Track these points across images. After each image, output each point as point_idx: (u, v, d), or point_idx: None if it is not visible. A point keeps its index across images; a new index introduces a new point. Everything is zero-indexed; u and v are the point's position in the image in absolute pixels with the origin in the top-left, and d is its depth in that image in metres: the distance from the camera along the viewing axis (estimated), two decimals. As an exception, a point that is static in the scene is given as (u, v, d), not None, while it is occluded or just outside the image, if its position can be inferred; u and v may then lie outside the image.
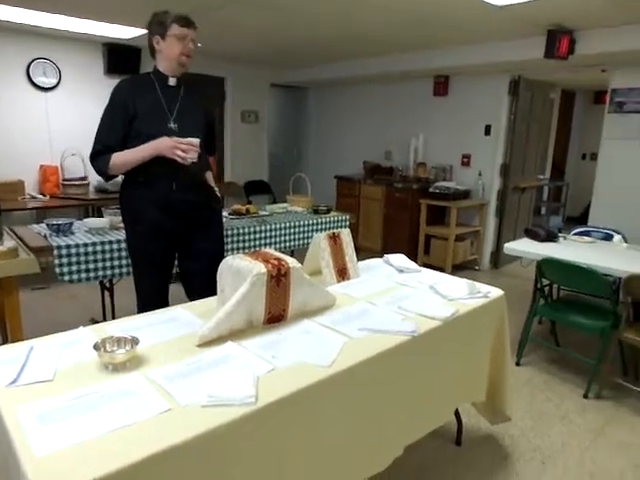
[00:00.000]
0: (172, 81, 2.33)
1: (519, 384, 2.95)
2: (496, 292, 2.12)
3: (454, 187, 5.04)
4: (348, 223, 4.03)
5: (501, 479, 2.15)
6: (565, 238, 3.44)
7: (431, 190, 5.08)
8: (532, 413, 2.66)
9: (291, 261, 1.71)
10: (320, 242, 2.14)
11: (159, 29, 2.23)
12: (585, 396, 2.82)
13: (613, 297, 2.72)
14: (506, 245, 3.21)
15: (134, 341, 1.42)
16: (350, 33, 4.25)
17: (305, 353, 1.50)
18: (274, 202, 5.41)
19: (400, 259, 2.47)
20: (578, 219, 7.44)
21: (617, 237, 3.29)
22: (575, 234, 3.75)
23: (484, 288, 2.11)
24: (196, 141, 2.18)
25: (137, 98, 2.24)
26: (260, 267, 1.63)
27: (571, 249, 3.14)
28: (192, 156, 2.18)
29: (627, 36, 3.69)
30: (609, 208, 4.45)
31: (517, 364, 3.17)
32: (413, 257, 5.21)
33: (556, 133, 7.79)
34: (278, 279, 1.67)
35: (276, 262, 1.68)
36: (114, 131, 2.24)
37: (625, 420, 2.63)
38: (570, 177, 8.28)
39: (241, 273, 1.67)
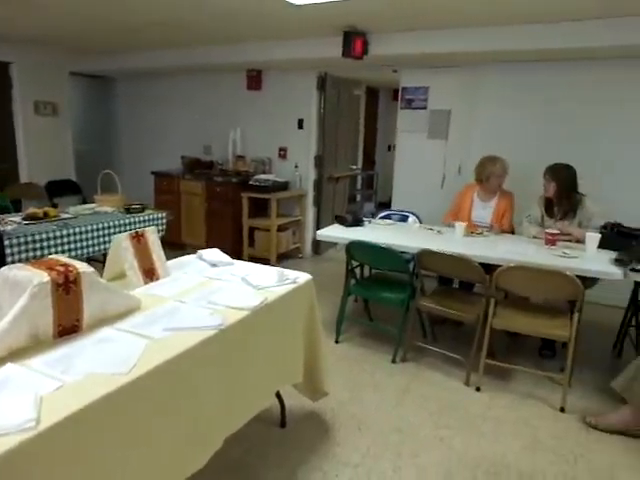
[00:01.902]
0: None
1: (337, 359, 3.18)
2: (304, 277, 2.23)
3: (273, 179, 5.18)
4: (165, 221, 3.86)
5: (323, 451, 2.29)
6: (370, 222, 3.80)
7: (251, 183, 5.15)
8: (349, 384, 2.89)
9: (81, 266, 1.56)
10: (121, 243, 2.00)
11: None
12: (393, 361, 3.16)
13: (409, 271, 3.08)
14: (318, 232, 3.42)
15: None
16: (157, 19, 4.03)
17: (101, 363, 1.38)
18: (84, 203, 4.91)
19: (213, 253, 2.44)
20: (387, 204, 8.30)
21: (411, 218, 3.74)
22: (380, 218, 4.16)
23: (292, 274, 2.20)
24: None
25: None
26: (42, 276, 1.46)
27: (374, 231, 3.48)
28: None
29: (411, 41, 4.17)
30: (406, 193, 5.03)
31: (336, 342, 3.41)
32: (238, 250, 5.25)
33: (365, 126, 8.55)
34: (67, 287, 1.51)
35: (62, 269, 1.52)
36: None
37: (425, 376, 3.02)
38: (379, 166, 9.17)
39: (20, 285, 1.47)
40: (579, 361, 3.11)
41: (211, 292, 1.97)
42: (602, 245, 3.00)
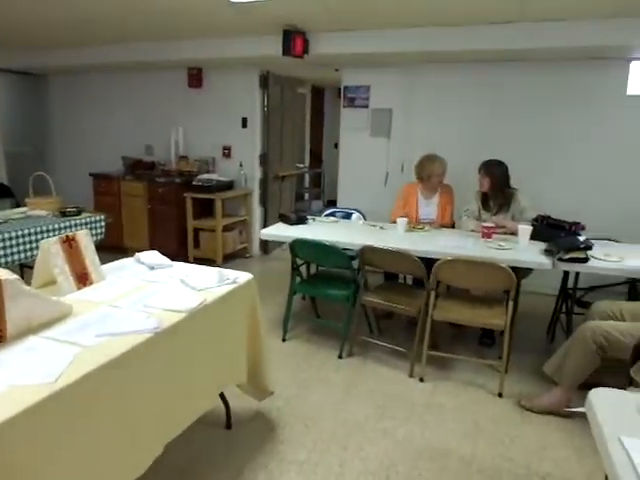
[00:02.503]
0: None
1: (285, 357, 3.18)
2: (245, 277, 2.22)
3: (217, 179, 5.11)
4: (104, 224, 3.72)
5: (269, 450, 2.29)
6: (314, 220, 3.82)
7: (195, 183, 5.05)
8: (296, 382, 2.90)
9: (2, 273, 1.48)
10: (50, 248, 1.92)
11: None
12: (340, 356, 3.20)
13: (352, 268, 3.13)
14: (262, 231, 3.41)
15: None
16: (88, 16, 3.88)
17: (26, 373, 1.32)
18: (17, 207, 4.65)
19: (152, 256, 2.38)
20: (335, 202, 8.37)
21: (355, 215, 3.79)
22: (325, 215, 4.19)
23: (233, 274, 2.18)
24: None
25: None
26: (-43, 285, 1.37)
27: (318, 229, 3.50)
28: None
29: (351, 41, 4.22)
30: (351, 190, 5.10)
31: (283, 340, 3.41)
32: (184, 252, 5.14)
33: (312, 125, 8.58)
34: (-13, 296, 1.43)
35: (-19, 276, 1.44)
36: None
37: (371, 370, 3.07)
38: (327, 165, 9.22)
39: None
40: (516, 348, 3.26)
41: (148, 295, 1.92)
42: (534, 237, 3.16)
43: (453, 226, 3.76)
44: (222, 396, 2.35)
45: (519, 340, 3.50)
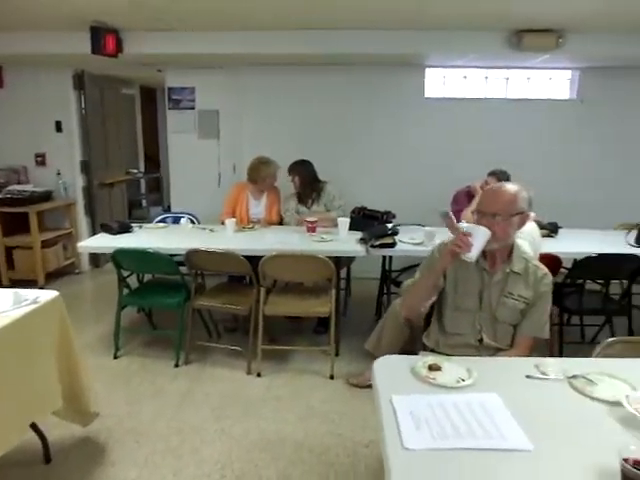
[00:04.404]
0: None
1: (116, 375, 3.01)
2: (48, 295, 2.04)
3: (31, 190, 4.60)
4: None
5: (97, 476, 2.15)
6: (141, 227, 3.66)
7: (2, 196, 4.47)
8: (129, 398, 2.76)
9: None
10: None
11: None
12: (176, 365, 3.12)
13: (180, 273, 3.07)
14: (79, 244, 3.17)
15: None
16: None
17: None
18: None
19: None
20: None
21: (183, 220, 3.72)
22: (157, 222, 4.04)
23: (32, 294, 1.99)
24: None
25: None
26: None
27: (144, 237, 3.37)
28: None
29: (170, 41, 4.10)
30: (185, 194, 4.99)
31: (115, 357, 3.22)
32: (-6, 275, 4.53)
33: (145, 128, 8.17)
34: None
35: None
36: None
37: (208, 374, 3.06)
38: (166, 169, 8.85)
39: None
40: (348, 331, 3.53)
41: None
42: (353, 227, 3.43)
43: (281, 223, 3.92)
44: (35, 428, 2.14)
45: (351, 324, 3.79)
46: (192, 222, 3.87)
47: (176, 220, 3.88)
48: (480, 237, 1.68)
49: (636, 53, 4.00)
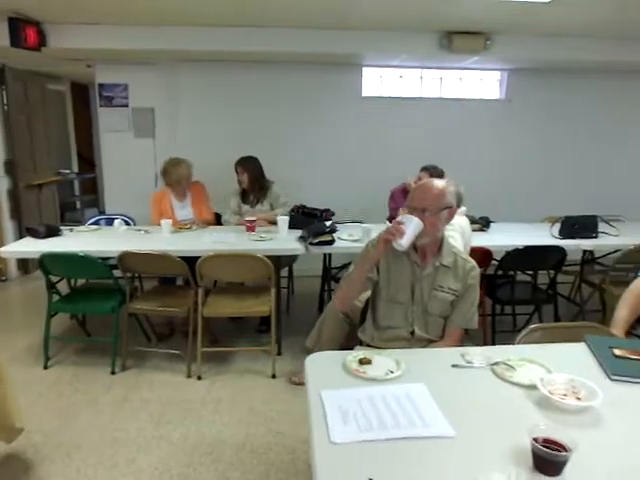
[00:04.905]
0: None
1: (47, 387, 2.86)
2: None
3: (-52, 193, 4.28)
4: None
5: (24, 494, 2.04)
6: (72, 230, 3.49)
7: None
8: (60, 411, 2.63)
9: None
10: None
11: None
12: (112, 373, 3.01)
13: (113, 277, 2.95)
14: (1, 249, 2.97)
15: None
16: None
17: None
18: None
19: None
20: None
21: (117, 221, 3.59)
22: (90, 224, 3.87)
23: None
24: None
25: None
26: None
27: (74, 240, 3.22)
28: None
29: (98, 35, 3.94)
30: (120, 195, 4.80)
31: (45, 367, 3.05)
32: None
33: (78, 126, 7.78)
34: None
35: None
36: None
37: (147, 380, 2.96)
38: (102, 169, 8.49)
39: None
40: (290, 330, 3.53)
41: None
42: (292, 226, 3.43)
43: (219, 221, 3.85)
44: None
45: (294, 322, 3.80)
46: (127, 224, 3.74)
47: (110, 222, 3.73)
48: (412, 226, 1.72)
49: (555, 56, 4.25)
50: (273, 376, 3.00)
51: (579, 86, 4.97)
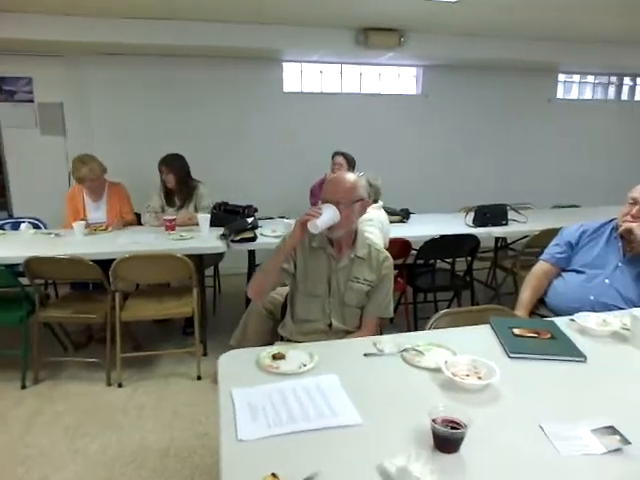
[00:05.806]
0: None
1: (-54, 408, 2.63)
2: None
3: None
4: None
5: None
6: (-29, 236, 3.22)
7: None
8: (-38, 432, 2.43)
9: None
10: None
11: None
12: (23, 387, 2.81)
13: (19, 284, 2.75)
14: None
15: None
16: None
17: None
18: None
19: None
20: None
21: (24, 225, 3.35)
22: (-3, 229, 3.59)
23: None
24: None
25: None
26: None
27: (-27, 247, 2.97)
28: None
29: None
30: (28, 196, 4.50)
31: (-57, 387, 2.81)
32: None
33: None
34: None
35: None
36: None
37: (62, 391, 2.80)
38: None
39: None
40: (217, 329, 3.45)
41: None
42: (215, 223, 3.36)
43: (139, 221, 3.70)
44: None
45: (221, 321, 3.74)
46: (37, 227, 3.50)
47: (16, 226, 3.48)
48: (328, 211, 1.76)
49: (467, 54, 4.46)
50: (198, 378, 2.94)
51: (491, 83, 5.25)
